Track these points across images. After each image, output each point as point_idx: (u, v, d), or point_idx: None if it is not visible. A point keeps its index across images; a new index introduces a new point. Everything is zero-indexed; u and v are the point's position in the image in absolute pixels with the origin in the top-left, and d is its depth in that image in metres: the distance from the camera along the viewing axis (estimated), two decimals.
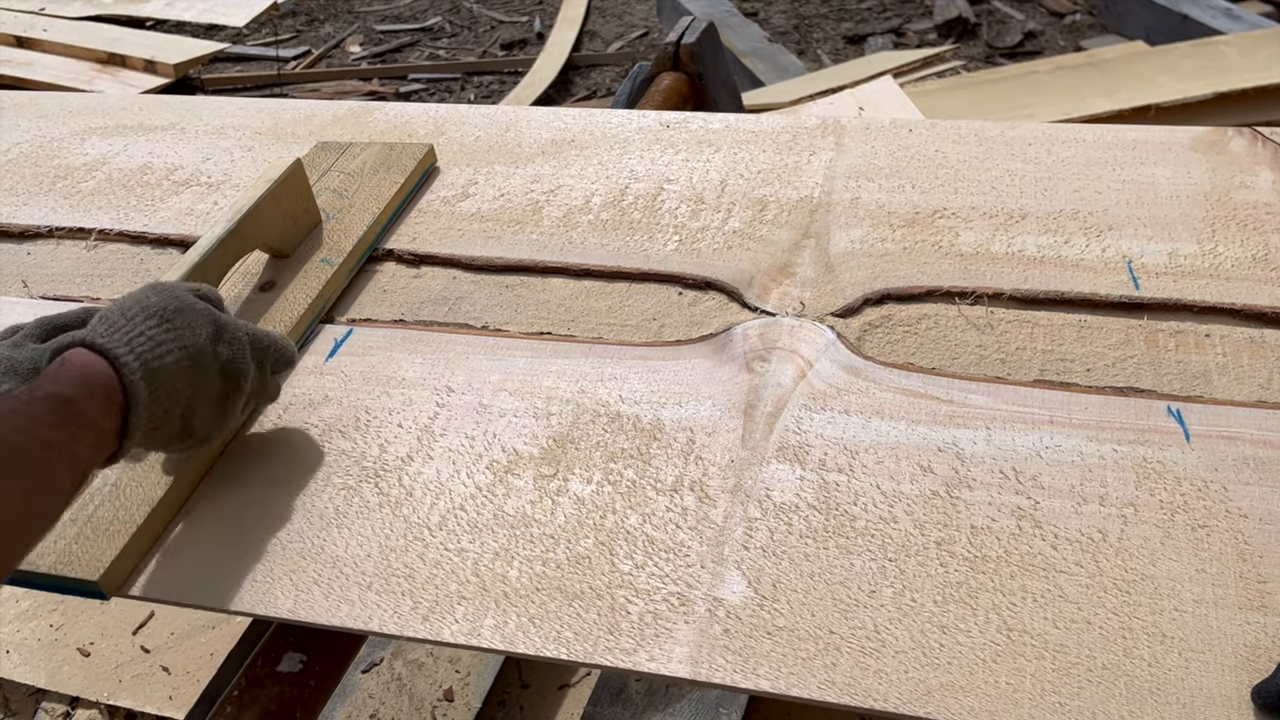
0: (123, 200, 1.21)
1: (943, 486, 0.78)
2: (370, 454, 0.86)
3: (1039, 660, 0.66)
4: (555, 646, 0.71)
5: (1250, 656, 0.64)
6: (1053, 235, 0.99)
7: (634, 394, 0.89)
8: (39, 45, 3.97)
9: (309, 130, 1.32)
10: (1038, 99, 2.68)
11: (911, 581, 0.71)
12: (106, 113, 1.40)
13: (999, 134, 1.14)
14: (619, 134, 1.24)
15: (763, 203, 1.09)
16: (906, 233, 1.02)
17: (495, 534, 0.78)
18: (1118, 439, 0.79)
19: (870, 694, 0.66)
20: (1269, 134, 1.07)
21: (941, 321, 0.92)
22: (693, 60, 1.44)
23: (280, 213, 1.02)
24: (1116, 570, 0.70)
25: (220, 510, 0.82)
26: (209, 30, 4.62)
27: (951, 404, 0.84)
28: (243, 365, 0.79)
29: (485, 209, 1.14)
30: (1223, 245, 0.95)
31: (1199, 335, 0.87)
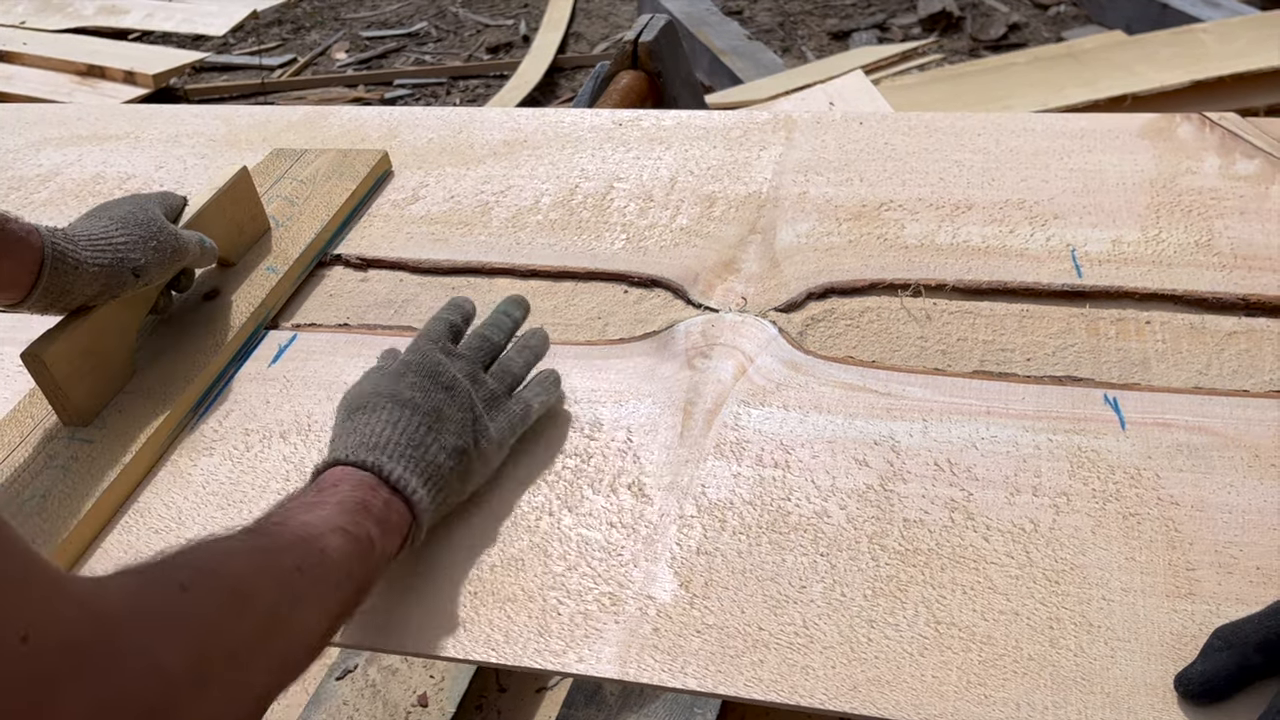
0: (75, 211, 1.21)
1: (877, 480, 0.77)
2: (310, 459, 0.86)
3: (965, 653, 0.65)
4: (484, 650, 0.70)
5: (1177, 644, 0.64)
6: (998, 225, 0.99)
7: (573, 393, 0.88)
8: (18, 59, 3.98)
9: (263, 136, 1.32)
10: (1015, 91, 2.67)
11: (842, 576, 0.71)
12: (62, 123, 1.40)
13: (948, 125, 1.14)
14: (571, 133, 1.24)
15: (711, 199, 1.09)
16: (853, 226, 1.02)
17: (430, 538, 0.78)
18: (1053, 428, 0.79)
19: (796, 690, 0.65)
20: (1217, 119, 1.07)
21: (884, 314, 0.92)
22: (651, 58, 1.44)
23: (225, 221, 1.02)
24: (1046, 560, 0.70)
25: (155, 521, 0.82)
26: (194, 41, 4.62)
27: (890, 397, 0.83)
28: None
29: (435, 211, 1.13)
30: (1166, 231, 0.95)
31: (1140, 322, 0.87)
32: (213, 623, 0.52)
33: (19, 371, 0.91)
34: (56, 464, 0.84)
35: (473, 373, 0.80)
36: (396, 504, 0.69)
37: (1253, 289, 0.87)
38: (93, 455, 0.85)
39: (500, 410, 0.79)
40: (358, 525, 0.65)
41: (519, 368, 0.84)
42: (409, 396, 0.74)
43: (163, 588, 0.51)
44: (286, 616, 0.57)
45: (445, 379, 0.76)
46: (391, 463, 0.70)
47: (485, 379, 0.80)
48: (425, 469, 0.71)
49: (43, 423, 0.88)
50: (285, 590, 0.58)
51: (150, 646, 0.47)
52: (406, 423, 0.72)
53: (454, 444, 0.73)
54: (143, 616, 0.48)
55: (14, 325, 1.02)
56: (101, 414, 0.89)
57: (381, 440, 0.71)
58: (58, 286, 0.82)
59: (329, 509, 0.65)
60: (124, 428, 0.87)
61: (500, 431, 0.78)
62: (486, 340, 0.84)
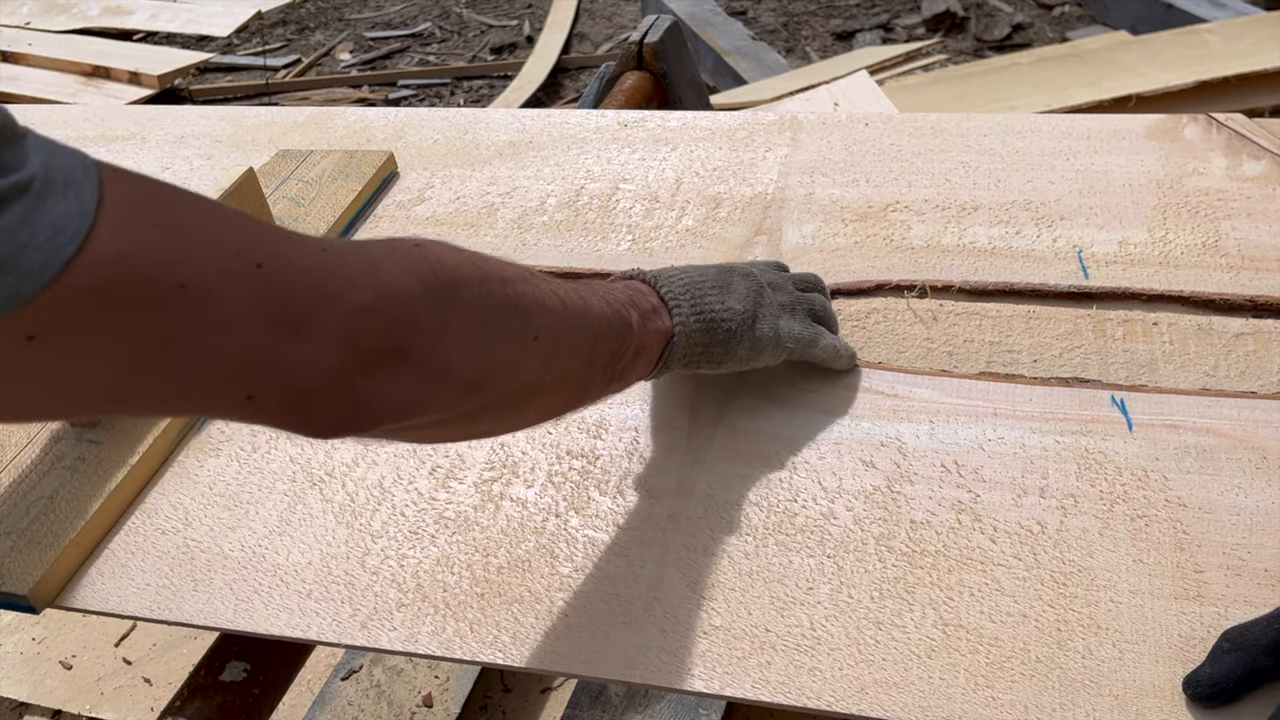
0: None
1: (884, 481, 0.77)
2: (316, 460, 0.86)
3: (973, 655, 0.65)
4: (492, 651, 0.70)
5: (1185, 647, 0.64)
6: (1004, 226, 0.99)
7: None
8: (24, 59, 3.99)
9: (268, 138, 1.32)
10: (1020, 91, 2.67)
11: (849, 578, 0.71)
12: (67, 124, 1.40)
13: (955, 126, 1.13)
14: (577, 134, 1.24)
15: (717, 200, 1.09)
16: (858, 227, 1.02)
17: (436, 540, 0.78)
18: (1061, 430, 0.78)
19: (804, 692, 0.65)
20: (1223, 120, 1.07)
21: (890, 315, 0.92)
22: (656, 59, 1.44)
23: None
24: (1054, 562, 0.70)
25: (162, 521, 0.82)
26: (199, 41, 4.63)
27: (896, 398, 0.83)
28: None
29: (440, 213, 1.13)
30: (1173, 233, 0.95)
31: (1147, 323, 0.87)
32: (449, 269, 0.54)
33: None
34: (64, 464, 0.84)
35: (775, 281, 0.84)
36: (664, 313, 0.73)
37: (1260, 290, 0.87)
38: (100, 456, 0.85)
39: (793, 317, 0.82)
40: (623, 307, 0.69)
41: (822, 306, 0.86)
42: (706, 269, 0.79)
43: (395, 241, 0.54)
44: (537, 318, 0.59)
45: (743, 269, 0.81)
46: (669, 283, 0.75)
47: (792, 289, 0.84)
48: (698, 302, 0.75)
49: (50, 423, 0.88)
50: (539, 298, 0.60)
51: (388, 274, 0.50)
52: (697, 276, 0.77)
53: (733, 305, 0.76)
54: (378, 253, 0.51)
55: None
56: None
57: (669, 273, 0.76)
58: None
59: (599, 289, 0.69)
60: (131, 428, 0.87)
61: (784, 329, 0.80)
62: (798, 275, 0.88)
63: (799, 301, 0.84)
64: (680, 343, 0.73)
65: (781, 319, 0.80)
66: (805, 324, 0.82)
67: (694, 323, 0.74)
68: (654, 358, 0.72)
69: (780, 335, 0.79)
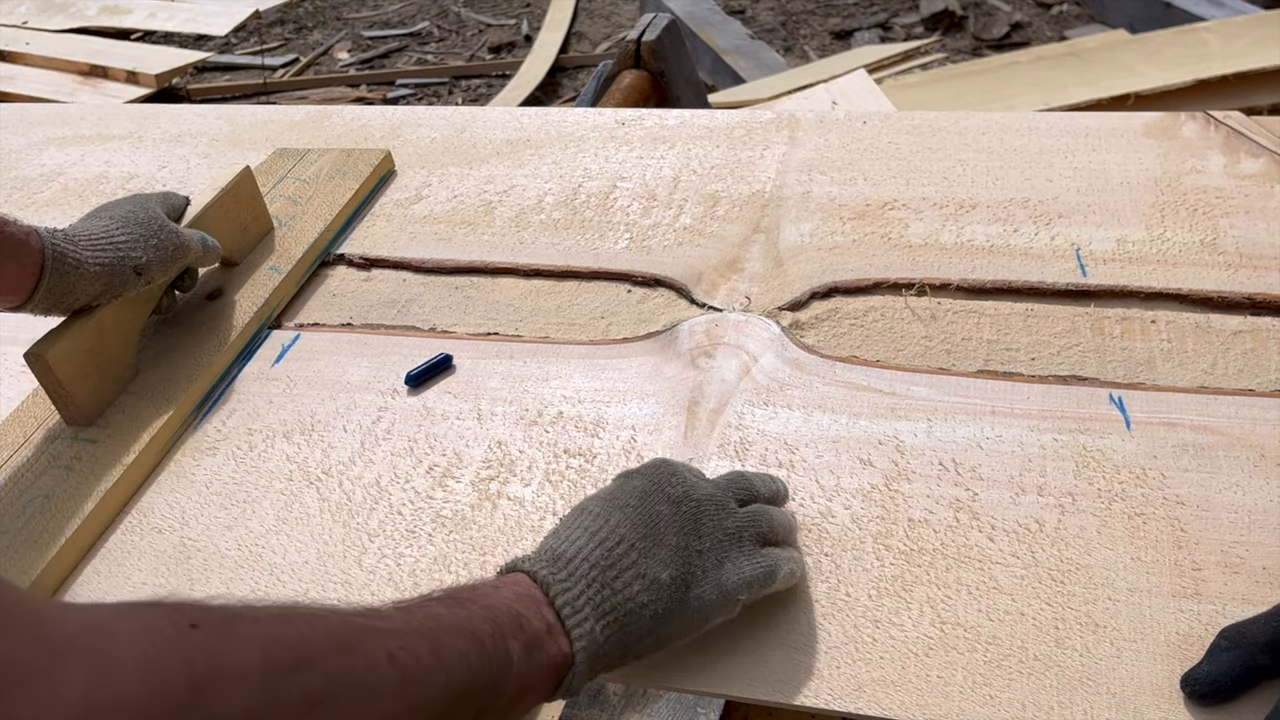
0: (77, 210, 1.21)
1: (882, 479, 0.77)
2: (314, 459, 0.86)
3: (971, 653, 0.65)
4: None
5: (1183, 644, 0.64)
6: (1002, 224, 0.99)
7: (577, 393, 0.88)
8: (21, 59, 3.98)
9: (266, 136, 1.32)
10: (1018, 90, 2.67)
11: (847, 576, 0.71)
12: (65, 123, 1.40)
13: (952, 124, 1.13)
14: (574, 133, 1.24)
15: (715, 198, 1.09)
16: (856, 225, 1.02)
17: (433, 539, 0.78)
18: (1059, 428, 0.78)
19: (801, 690, 0.65)
20: (1221, 118, 1.06)
21: (888, 314, 0.91)
22: (654, 57, 1.44)
23: (228, 220, 1.02)
24: (1052, 560, 0.69)
25: (158, 520, 0.82)
26: (197, 40, 4.63)
27: (894, 396, 0.83)
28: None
29: (438, 211, 1.13)
30: (1171, 230, 0.95)
31: (1145, 321, 0.87)
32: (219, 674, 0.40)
33: (22, 371, 0.91)
34: (60, 464, 0.84)
35: (719, 498, 0.66)
36: (559, 634, 0.57)
37: (1258, 288, 0.87)
38: (96, 455, 0.84)
39: (742, 554, 0.64)
40: (498, 638, 0.53)
41: (780, 525, 0.68)
42: (622, 500, 0.63)
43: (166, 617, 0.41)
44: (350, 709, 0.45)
45: (675, 491, 0.64)
46: (568, 582, 0.58)
47: (734, 508, 0.66)
48: (608, 599, 0.59)
49: (46, 423, 0.88)
50: (360, 676, 0.46)
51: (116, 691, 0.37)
52: (606, 536, 0.61)
53: (658, 575, 0.60)
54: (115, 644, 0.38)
55: (17, 325, 1.02)
56: (105, 414, 0.89)
57: (571, 551, 0.60)
58: (59, 287, 0.82)
59: (475, 609, 0.54)
60: (127, 427, 0.87)
61: (732, 579, 0.63)
62: (750, 484, 0.69)
63: (745, 526, 0.66)
64: (581, 669, 0.57)
65: (726, 564, 0.63)
66: (755, 558, 0.65)
67: (603, 631, 0.58)
68: (546, 691, 0.56)
69: (727, 590, 0.62)
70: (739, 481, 0.69)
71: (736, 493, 0.68)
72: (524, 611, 0.56)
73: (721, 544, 0.64)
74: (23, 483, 0.82)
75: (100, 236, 0.86)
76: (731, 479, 0.69)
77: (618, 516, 0.62)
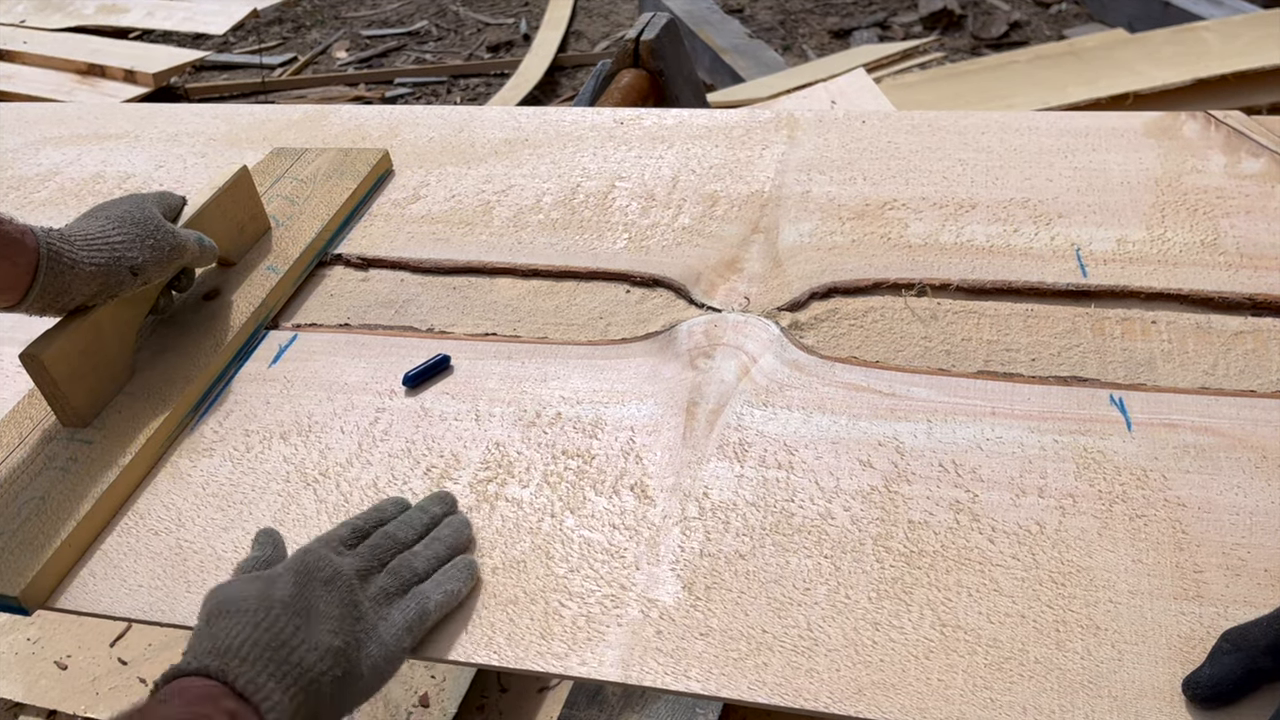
0: (74, 210, 1.20)
1: (882, 481, 0.77)
2: (311, 460, 0.85)
3: (971, 655, 0.65)
4: (487, 653, 0.70)
5: (1184, 647, 0.63)
6: (1002, 224, 0.98)
7: (576, 394, 0.88)
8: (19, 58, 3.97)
9: (264, 135, 1.31)
10: (1017, 89, 2.67)
11: (847, 578, 0.70)
12: (62, 122, 1.40)
13: (952, 123, 1.13)
14: (572, 132, 1.23)
15: (713, 198, 1.08)
16: (856, 225, 1.01)
17: None
18: (1059, 429, 0.78)
19: (801, 693, 0.65)
20: (1222, 117, 1.06)
21: (888, 314, 0.91)
22: (653, 56, 1.43)
23: (225, 220, 1.01)
24: (1053, 563, 0.69)
25: (155, 522, 0.82)
26: (195, 39, 4.62)
27: (894, 397, 0.83)
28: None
29: (436, 210, 1.13)
30: (1172, 230, 0.94)
31: (1145, 322, 0.86)
32: None
33: (18, 372, 0.91)
34: (55, 465, 0.83)
35: (363, 568, 0.70)
36: (246, 716, 0.57)
37: (1259, 288, 0.87)
38: (92, 456, 0.84)
39: (393, 608, 0.69)
40: None
41: (421, 562, 0.72)
42: (278, 594, 0.64)
43: None
44: None
45: (325, 573, 0.67)
46: (243, 666, 0.59)
47: (377, 576, 0.71)
48: (288, 672, 0.60)
49: (41, 424, 0.88)
50: None
51: None
52: (271, 622, 0.62)
53: (329, 643, 0.63)
54: None
55: (13, 325, 1.01)
56: (101, 415, 0.88)
57: (235, 643, 0.60)
58: (55, 287, 0.82)
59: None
60: (123, 428, 0.86)
61: (391, 633, 0.67)
62: (391, 539, 0.74)
63: (390, 580, 0.70)
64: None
65: (381, 624, 0.67)
66: (405, 605, 0.69)
67: (291, 701, 0.59)
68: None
69: (390, 646, 0.66)
70: (382, 544, 0.73)
71: (380, 556, 0.72)
72: (203, 712, 0.56)
73: (374, 607, 0.68)
74: (18, 484, 0.82)
75: (96, 236, 0.85)
76: (375, 544, 0.73)
77: (274, 607, 0.63)
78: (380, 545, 0.73)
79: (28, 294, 0.81)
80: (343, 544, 0.72)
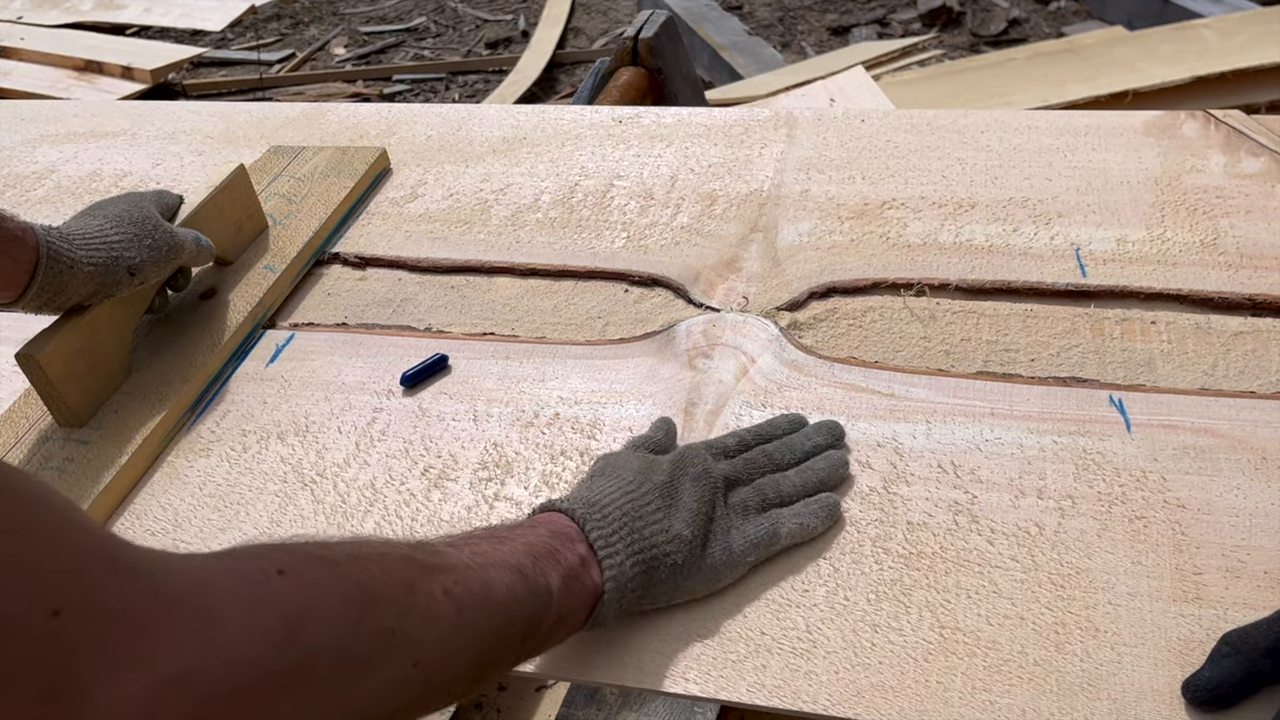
0: (71, 208, 1.20)
1: (880, 482, 0.76)
2: (308, 460, 0.85)
3: (970, 658, 0.65)
4: None
5: (1184, 650, 0.63)
6: (1001, 224, 0.98)
7: (574, 394, 0.87)
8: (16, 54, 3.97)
9: (261, 134, 1.31)
10: (1016, 87, 2.66)
11: (845, 580, 0.70)
12: (59, 119, 1.39)
13: (951, 122, 1.13)
14: (571, 131, 1.23)
15: (712, 197, 1.08)
16: (855, 224, 1.01)
17: None
18: (1058, 430, 0.78)
19: (800, 696, 0.65)
20: (1222, 117, 1.06)
21: (886, 314, 0.91)
22: (651, 54, 1.43)
23: (222, 219, 1.01)
24: (1052, 564, 0.69)
25: (151, 523, 0.81)
26: (192, 36, 4.61)
27: (893, 398, 0.83)
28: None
29: (434, 209, 1.13)
30: (1171, 230, 0.94)
31: (1145, 322, 0.86)
32: (308, 614, 0.45)
33: (14, 372, 0.90)
34: (52, 465, 0.83)
35: (731, 476, 0.73)
36: (593, 566, 0.63)
37: (1259, 289, 0.87)
38: (88, 457, 0.84)
39: (748, 521, 0.71)
40: (539, 571, 0.59)
41: (788, 486, 0.74)
42: (654, 476, 0.70)
43: (256, 566, 0.45)
44: (417, 640, 0.50)
45: (696, 469, 0.71)
46: (602, 521, 0.65)
47: (743, 488, 0.74)
48: (636, 541, 0.65)
49: (38, 424, 0.87)
50: (423, 610, 0.51)
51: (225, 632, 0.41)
52: (637, 492, 0.68)
53: (679, 530, 0.67)
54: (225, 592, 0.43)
55: (9, 325, 1.01)
56: (97, 415, 0.88)
57: (604, 499, 0.67)
58: (53, 285, 0.82)
59: (515, 545, 0.60)
60: (120, 428, 0.86)
61: (738, 542, 0.70)
62: (768, 457, 0.76)
63: (752, 495, 0.73)
64: (612, 599, 0.64)
65: (733, 531, 0.71)
66: (759, 522, 0.72)
67: (631, 568, 0.65)
68: (580, 621, 0.63)
69: (734, 554, 0.70)
70: (758, 460, 0.76)
71: (751, 472, 0.75)
72: (560, 547, 0.62)
73: (730, 514, 0.71)
74: None
75: (94, 235, 0.85)
76: (751, 459, 0.75)
77: (646, 483, 0.69)
78: (755, 461, 0.76)
79: (25, 292, 0.81)
80: (724, 452, 0.76)
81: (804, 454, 0.77)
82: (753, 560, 0.71)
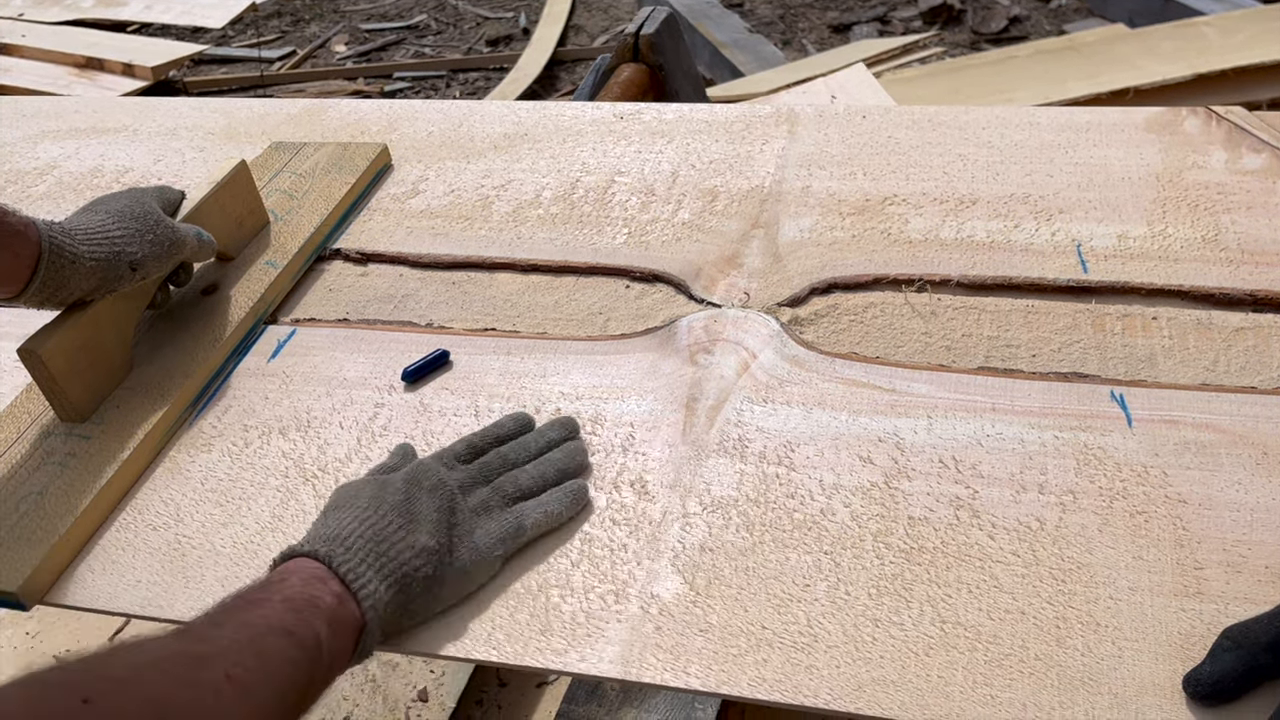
0: (73, 204, 1.20)
1: (882, 477, 0.76)
2: (309, 455, 0.85)
3: (971, 652, 0.65)
4: (485, 649, 0.70)
5: (1184, 644, 0.63)
6: (1003, 220, 0.98)
7: (575, 389, 0.87)
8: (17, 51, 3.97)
9: (262, 130, 1.31)
10: (1017, 84, 2.66)
11: (847, 574, 0.70)
12: (60, 116, 1.39)
13: (953, 119, 1.13)
14: (572, 127, 1.23)
15: (713, 193, 1.08)
16: (856, 220, 1.01)
17: None
18: (1059, 425, 0.78)
19: (801, 690, 0.65)
20: (1223, 113, 1.06)
21: (888, 310, 0.91)
22: (652, 51, 1.43)
23: (223, 215, 1.01)
24: (1053, 559, 0.69)
25: (153, 517, 0.81)
26: (193, 33, 4.61)
27: (894, 393, 0.83)
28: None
29: (435, 205, 1.13)
30: (1172, 226, 0.94)
31: (1146, 318, 0.86)
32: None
33: (16, 367, 0.90)
34: (54, 460, 0.83)
35: (466, 482, 0.76)
36: (349, 600, 0.64)
37: (1260, 285, 0.87)
38: (90, 451, 0.84)
39: (490, 519, 0.74)
40: (304, 624, 0.60)
41: (526, 479, 0.77)
42: (388, 497, 0.71)
43: (63, 700, 0.46)
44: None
45: (429, 482, 0.73)
46: (347, 555, 0.66)
47: (480, 489, 0.76)
48: (385, 565, 0.67)
49: (39, 419, 0.87)
50: (211, 707, 0.52)
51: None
52: (374, 515, 0.69)
53: (425, 543, 0.69)
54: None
55: (11, 320, 1.01)
56: (99, 410, 0.88)
57: (343, 533, 0.68)
58: (55, 280, 0.82)
59: (274, 606, 0.61)
60: (122, 424, 0.86)
61: (484, 541, 0.72)
62: (502, 458, 0.79)
63: (492, 495, 0.76)
64: (374, 627, 0.65)
65: (477, 531, 0.73)
66: (503, 518, 0.74)
67: (386, 591, 0.66)
68: (348, 658, 0.64)
69: (482, 553, 0.72)
70: (493, 463, 0.78)
71: (486, 474, 0.77)
72: (316, 593, 0.63)
73: (472, 516, 0.74)
74: (16, 479, 0.82)
75: (96, 231, 0.85)
76: (486, 462, 0.78)
77: (382, 505, 0.70)
78: (490, 463, 0.78)
79: (27, 287, 0.81)
80: (456, 458, 0.78)
81: (538, 450, 0.80)
82: (501, 554, 0.73)
